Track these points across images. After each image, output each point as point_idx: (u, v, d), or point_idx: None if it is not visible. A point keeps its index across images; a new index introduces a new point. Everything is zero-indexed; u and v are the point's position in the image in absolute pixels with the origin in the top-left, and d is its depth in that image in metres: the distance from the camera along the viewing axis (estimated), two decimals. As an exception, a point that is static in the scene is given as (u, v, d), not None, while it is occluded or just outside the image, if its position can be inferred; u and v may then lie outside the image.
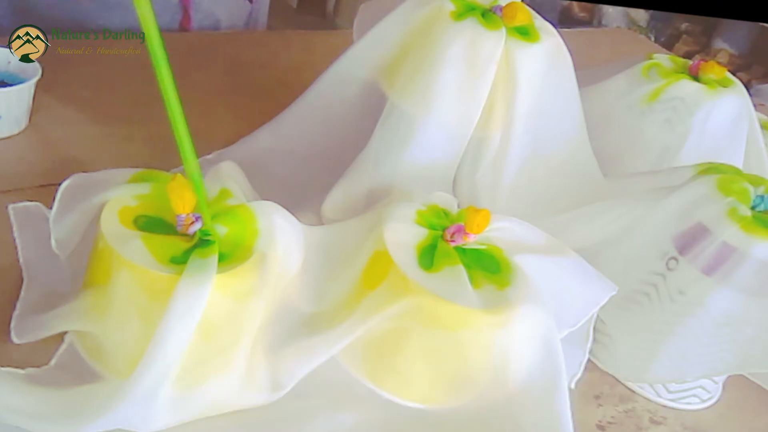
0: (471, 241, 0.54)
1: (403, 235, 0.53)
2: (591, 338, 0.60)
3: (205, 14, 1.00)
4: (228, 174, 0.58)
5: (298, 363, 0.49)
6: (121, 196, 0.50)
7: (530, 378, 0.52)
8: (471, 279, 0.52)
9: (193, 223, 0.48)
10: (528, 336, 0.52)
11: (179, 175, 0.48)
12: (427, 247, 0.53)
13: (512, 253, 0.55)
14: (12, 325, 0.51)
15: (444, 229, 0.54)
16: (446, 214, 0.56)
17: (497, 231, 0.55)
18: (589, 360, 0.61)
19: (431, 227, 0.54)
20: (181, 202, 0.47)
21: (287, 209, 0.66)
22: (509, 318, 0.51)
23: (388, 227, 0.53)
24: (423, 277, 0.51)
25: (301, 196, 0.67)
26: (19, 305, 0.52)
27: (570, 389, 0.53)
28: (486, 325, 0.51)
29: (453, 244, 0.53)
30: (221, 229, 0.49)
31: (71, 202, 0.52)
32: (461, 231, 0.53)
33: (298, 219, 0.55)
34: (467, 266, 0.53)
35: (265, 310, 0.50)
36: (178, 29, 0.99)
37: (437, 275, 0.51)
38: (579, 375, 0.59)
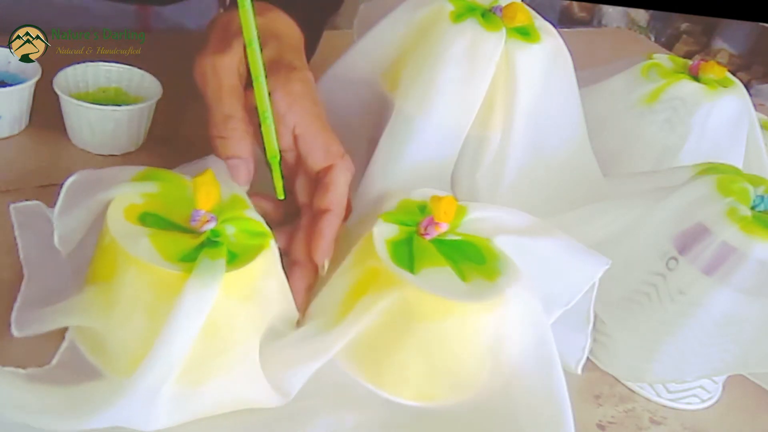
0: (444, 230, 0.53)
1: (380, 236, 0.53)
2: (592, 322, 0.58)
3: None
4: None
5: (297, 369, 0.50)
6: (127, 193, 0.50)
7: (525, 365, 0.52)
8: (458, 274, 0.52)
9: (208, 221, 0.48)
10: (519, 320, 0.52)
11: (210, 170, 0.48)
12: (399, 242, 0.53)
13: (494, 237, 0.55)
14: (12, 317, 0.50)
15: (417, 224, 0.54)
16: (421, 209, 0.56)
17: (477, 222, 0.55)
18: (589, 360, 0.61)
19: (402, 223, 0.54)
20: (206, 198, 0.47)
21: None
22: (498, 303, 0.51)
23: (375, 232, 0.53)
24: (410, 277, 0.51)
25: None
26: (19, 298, 0.52)
27: (569, 387, 0.53)
28: (473, 311, 0.51)
29: (428, 237, 0.53)
30: (231, 230, 0.49)
31: (76, 198, 0.52)
32: (431, 222, 0.53)
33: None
34: (453, 261, 0.52)
35: (267, 313, 0.50)
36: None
37: (423, 276, 0.51)
38: (584, 360, 0.58)
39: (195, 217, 0.48)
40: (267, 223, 0.51)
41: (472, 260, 0.53)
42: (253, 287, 0.48)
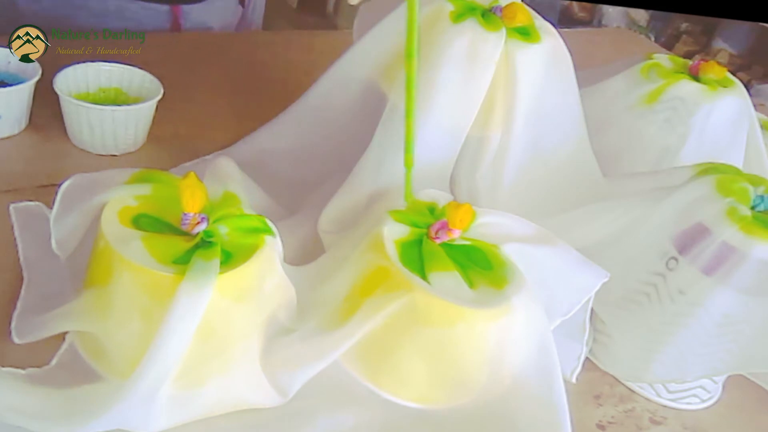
0: (456, 236, 0.54)
1: (390, 235, 0.53)
2: (588, 331, 0.60)
3: (196, 22, 0.99)
4: (227, 173, 0.58)
5: (300, 369, 0.49)
6: (121, 196, 0.50)
7: (526, 372, 0.53)
8: (466, 280, 0.52)
9: (198, 223, 0.48)
10: (523, 328, 0.52)
11: (193, 173, 0.48)
12: (408, 243, 0.53)
13: (501, 244, 0.55)
14: (12, 325, 0.51)
15: (428, 227, 0.54)
16: (431, 210, 0.56)
17: (484, 227, 0.56)
18: (589, 360, 0.61)
19: (413, 225, 0.54)
20: (192, 200, 0.47)
21: (286, 209, 0.66)
22: (504, 311, 0.51)
23: (384, 231, 0.53)
24: (421, 282, 0.51)
25: (301, 196, 0.67)
26: (19, 305, 0.52)
27: (569, 389, 0.53)
28: (480, 318, 0.51)
29: (438, 241, 0.53)
30: (224, 229, 0.49)
31: (72, 202, 0.53)
32: (445, 227, 0.53)
33: (296, 223, 0.55)
34: (461, 266, 0.52)
35: (264, 312, 0.50)
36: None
37: (432, 280, 0.51)
38: (579, 368, 0.59)
39: (184, 220, 0.48)
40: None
41: (479, 266, 0.53)
42: (250, 286, 0.48)
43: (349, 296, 0.53)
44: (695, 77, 0.75)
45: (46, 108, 0.71)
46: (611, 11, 2.57)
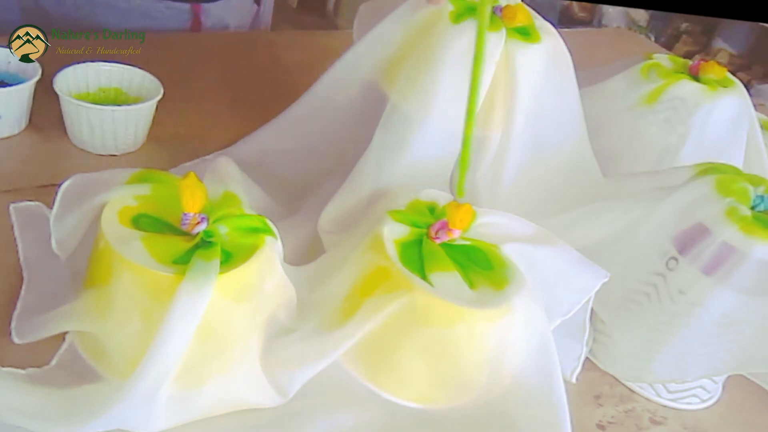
0: (456, 236, 0.54)
1: (390, 235, 0.53)
2: (588, 331, 0.60)
3: (215, 20, 1.01)
4: (227, 173, 0.58)
5: (300, 369, 0.49)
6: (121, 196, 0.50)
7: (526, 372, 0.53)
8: (466, 280, 0.52)
9: (198, 223, 0.48)
10: (523, 329, 0.52)
11: (193, 173, 0.48)
12: (408, 243, 0.53)
13: (501, 244, 0.55)
14: (12, 325, 0.51)
15: (428, 227, 0.54)
16: (431, 210, 0.56)
17: (484, 227, 0.56)
18: (588, 360, 0.61)
19: (413, 225, 0.54)
20: (192, 200, 0.47)
21: (286, 209, 0.66)
22: (504, 311, 0.51)
23: (384, 231, 0.53)
24: (422, 282, 0.51)
25: (301, 196, 0.67)
26: (19, 305, 0.52)
27: (569, 389, 0.53)
28: (480, 319, 0.51)
29: (438, 241, 0.53)
30: (224, 229, 0.49)
31: (72, 202, 0.53)
32: (445, 227, 0.53)
33: (296, 223, 0.55)
34: (461, 266, 0.52)
35: (264, 312, 0.50)
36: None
37: (432, 280, 0.51)
38: (579, 368, 0.59)
39: (184, 220, 0.48)
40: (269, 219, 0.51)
41: (480, 266, 0.53)
42: (250, 287, 0.48)
43: (349, 296, 0.53)
44: (695, 77, 0.75)
45: (46, 108, 0.71)
46: (611, 11, 2.57)
